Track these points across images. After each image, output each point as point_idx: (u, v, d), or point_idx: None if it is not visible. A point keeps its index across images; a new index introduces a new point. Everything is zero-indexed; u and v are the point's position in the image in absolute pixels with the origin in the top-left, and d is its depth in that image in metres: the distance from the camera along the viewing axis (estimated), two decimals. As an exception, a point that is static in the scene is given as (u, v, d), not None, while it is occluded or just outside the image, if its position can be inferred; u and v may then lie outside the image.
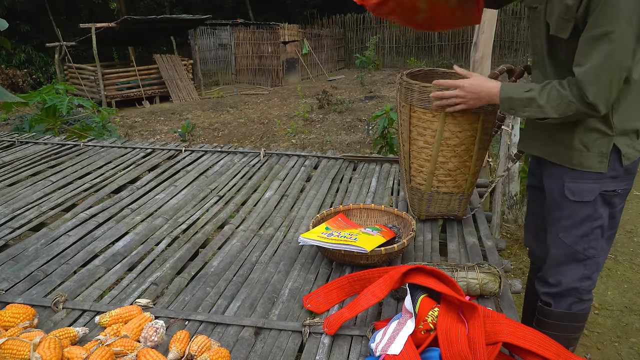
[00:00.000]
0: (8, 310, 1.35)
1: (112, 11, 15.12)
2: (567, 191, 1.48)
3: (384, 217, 2.01)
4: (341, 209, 2.00)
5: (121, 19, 10.11)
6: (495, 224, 3.18)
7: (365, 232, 1.74)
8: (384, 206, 2.02)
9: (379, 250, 1.61)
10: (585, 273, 1.55)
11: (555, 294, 1.59)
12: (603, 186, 1.44)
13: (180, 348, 1.23)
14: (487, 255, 1.80)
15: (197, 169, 2.77)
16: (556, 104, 1.36)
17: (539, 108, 1.39)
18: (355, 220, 2.01)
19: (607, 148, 1.41)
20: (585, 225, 1.49)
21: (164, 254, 1.82)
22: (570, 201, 1.48)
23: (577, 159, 1.45)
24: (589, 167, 1.43)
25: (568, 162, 1.47)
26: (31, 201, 2.31)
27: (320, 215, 1.92)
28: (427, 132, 1.83)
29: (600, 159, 1.42)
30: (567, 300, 1.58)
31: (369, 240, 1.65)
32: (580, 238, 1.51)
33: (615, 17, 1.22)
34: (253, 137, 7.31)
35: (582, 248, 1.52)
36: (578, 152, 1.44)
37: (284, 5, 18.00)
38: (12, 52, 12.84)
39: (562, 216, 1.52)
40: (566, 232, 1.53)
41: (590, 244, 1.51)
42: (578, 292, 1.56)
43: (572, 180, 1.47)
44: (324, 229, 1.77)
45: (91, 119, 5.22)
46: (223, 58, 14.65)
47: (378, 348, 1.20)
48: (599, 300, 2.88)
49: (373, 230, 1.77)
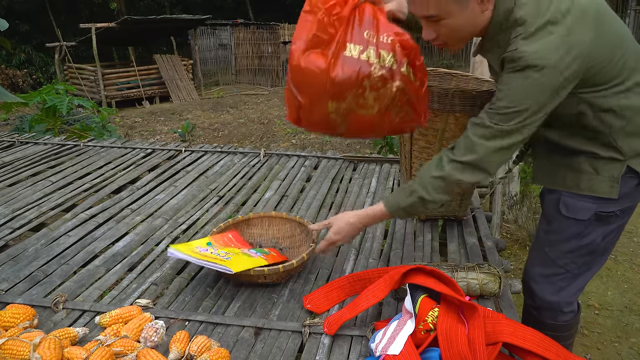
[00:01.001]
0: (8, 310, 1.35)
1: (112, 11, 15.13)
2: (562, 205, 1.43)
3: (285, 225, 1.92)
4: (240, 219, 1.89)
5: (121, 19, 10.12)
6: (495, 224, 3.18)
7: (247, 252, 1.65)
8: (286, 214, 1.92)
9: (277, 268, 1.52)
10: (562, 285, 1.51)
11: (539, 306, 1.57)
12: (600, 207, 1.38)
13: (180, 348, 1.23)
14: (487, 255, 1.80)
15: (197, 169, 2.77)
16: (442, 189, 1.34)
17: (432, 202, 1.36)
18: (256, 229, 1.91)
19: (618, 172, 1.33)
20: (572, 242, 1.45)
21: (164, 254, 1.82)
22: (562, 216, 1.43)
23: (585, 182, 1.37)
24: (598, 192, 1.36)
25: (576, 188, 1.39)
26: (31, 201, 2.31)
27: (224, 224, 1.82)
28: (429, 131, 1.82)
29: (611, 183, 1.34)
30: (552, 313, 1.56)
31: (243, 261, 1.54)
32: (565, 254, 1.47)
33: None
34: (253, 138, 7.32)
35: (564, 263, 1.48)
36: (587, 176, 1.37)
37: (284, 5, 18.00)
38: (12, 52, 12.85)
39: (552, 230, 1.49)
40: (552, 246, 1.49)
41: (574, 259, 1.47)
42: (559, 305, 1.53)
43: (569, 195, 1.41)
44: (205, 244, 1.65)
45: (91, 119, 5.22)
46: (223, 58, 14.66)
47: (378, 348, 1.20)
48: (599, 300, 2.88)
49: (257, 253, 1.67)
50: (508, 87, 1.21)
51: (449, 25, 1.24)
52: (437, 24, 1.25)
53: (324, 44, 1.34)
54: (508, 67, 1.20)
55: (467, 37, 1.32)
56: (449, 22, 1.24)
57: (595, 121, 1.30)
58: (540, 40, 1.15)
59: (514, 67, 1.18)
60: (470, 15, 1.23)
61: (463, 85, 2.06)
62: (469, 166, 1.30)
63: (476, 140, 1.27)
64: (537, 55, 1.14)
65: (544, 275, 1.54)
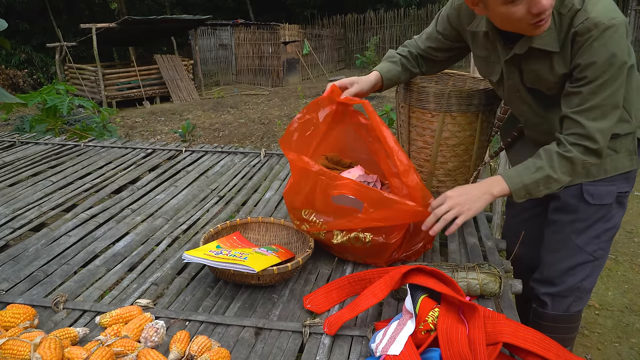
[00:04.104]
0: (8, 310, 1.35)
1: (112, 11, 15.15)
2: (587, 195, 1.46)
3: (283, 231, 1.90)
4: (238, 222, 1.87)
5: (122, 19, 10.12)
6: (495, 224, 3.18)
7: (259, 251, 1.64)
8: (284, 220, 1.89)
9: (271, 269, 1.51)
10: (591, 273, 1.55)
11: (557, 293, 1.58)
12: (619, 188, 1.44)
13: (181, 348, 1.23)
14: (488, 255, 1.80)
15: (197, 169, 2.77)
16: (567, 169, 1.32)
17: (556, 182, 1.34)
18: (254, 234, 1.90)
19: (632, 145, 1.41)
20: (598, 226, 1.49)
21: (165, 254, 1.83)
22: (588, 204, 1.47)
23: (610, 164, 1.42)
24: (623, 168, 1.42)
25: (603, 173, 1.43)
26: (32, 201, 2.32)
27: (214, 229, 1.79)
28: (427, 132, 1.83)
29: (630, 156, 1.42)
30: (567, 300, 1.58)
31: (261, 260, 1.55)
32: (592, 239, 1.50)
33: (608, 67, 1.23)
34: (253, 138, 7.32)
35: (592, 250, 1.51)
36: (609, 158, 1.41)
37: (284, 5, 18.01)
38: (12, 52, 12.86)
39: (578, 219, 1.51)
40: (579, 234, 1.51)
41: (600, 245, 1.51)
42: (579, 291, 1.57)
43: (590, 184, 1.45)
44: (215, 247, 1.64)
45: (92, 119, 5.23)
46: (223, 58, 14.67)
47: (378, 348, 1.20)
48: (599, 300, 2.88)
49: (268, 250, 1.67)
50: (596, 57, 1.21)
51: None
52: None
53: None
54: (585, 38, 1.21)
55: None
56: None
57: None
58: (600, 2, 1.22)
59: (591, 36, 1.20)
60: None
61: (459, 84, 2.06)
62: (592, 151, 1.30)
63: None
64: (609, 16, 1.20)
65: (569, 269, 1.56)
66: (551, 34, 1.27)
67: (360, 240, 1.60)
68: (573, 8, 1.22)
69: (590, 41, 1.20)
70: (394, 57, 1.71)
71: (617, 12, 1.22)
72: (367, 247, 1.61)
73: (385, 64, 1.71)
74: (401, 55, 1.71)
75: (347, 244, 1.62)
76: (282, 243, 1.87)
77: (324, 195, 1.59)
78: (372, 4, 17.31)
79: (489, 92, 1.73)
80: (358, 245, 1.61)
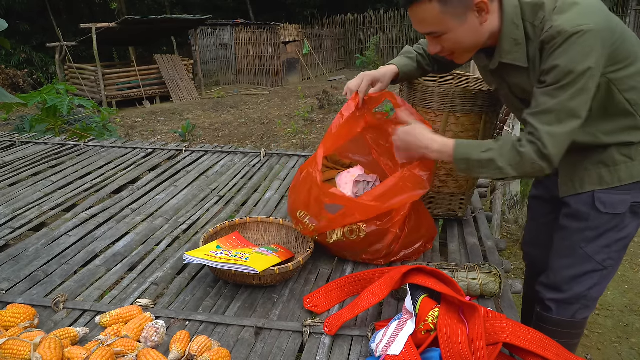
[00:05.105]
0: (9, 310, 1.35)
1: (112, 11, 15.13)
2: (598, 203, 1.43)
3: (282, 231, 1.89)
4: (237, 222, 1.87)
5: (122, 19, 10.12)
6: (495, 224, 3.18)
7: (259, 252, 1.64)
8: (283, 220, 1.89)
9: (273, 270, 1.51)
10: (599, 282, 1.52)
11: (562, 300, 1.55)
12: (634, 197, 1.40)
13: (181, 348, 1.23)
14: (488, 255, 1.80)
15: (197, 169, 2.77)
16: (515, 163, 1.32)
17: (498, 170, 1.35)
18: (252, 234, 1.90)
19: None
20: (609, 236, 1.46)
21: (165, 254, 1.83)
22: (599, 212, 1.44)
23: (624, 172, 1.39)
24: (638, 176, 1.38)
25: (617, 181, 1.40)
26: (32, 201, 2.32)
27: (213, 229, 1.79)
28: (429, 132, 1.83)
29: None
30: (573, 308, 1.55)
31: (261, 260, 1.55)
32: (602, 249, 1.47)
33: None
34: (253, 137, 7.32)
35: (602, 259, 1.48)
36: (624, 165, 1.39)
37: (284, 5, 18.01)
38: (12, 52, 12.86)
39: (588, 227, 1.48)
40: (589, 242, 1.48)
41: (611, 255, 1.48)
42: (586, 299, 1.53)
43: (603, 192, 1.42)
44: (215, 247, 1.64)
45: (92, 119, 5.23)
46: (223, 58, 14.66)
47: (378, 348, 1.20)
48: (600, 300, 2.87)
49: (268, 250, 1.66)
50: (558, 62, 1.21)
51: (450, 39, 1.32)
52: (440, 39, 1.33)
53: None
54: (550, 46, 1.22)
55: (472, 48, 1.36)
56: (450, 37, 1.31)
57: (623, 102, 1.32)
58: (571, 10, 1.21)
59: (555, 44, 1.20)
60: (470, 28, 1.29)
61: (463, 85, 2.06)
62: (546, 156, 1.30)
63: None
64: (575, 23, 1.19)
65: (576, 277, 1.53)
66: (520, 50, 1.31)
67: (355, 232, 1.61)
68: (544, 19, 1.25)
69: (555, 48, 1.21)
70: (411, 54, 1.74)
71: (589, 18, 1.19)
72: (363, 238, 1.62)
73: (402, 58, 1.74)
74: (417, 53, 1.75)
75: (342, 240, 1.63)
76: (281, 242, 1.87)
77: (317, 202, 1.62)
78: (372, 4, 17.31)
79: (493, 94, 1.73)
80: (353, 238, 1.62)
